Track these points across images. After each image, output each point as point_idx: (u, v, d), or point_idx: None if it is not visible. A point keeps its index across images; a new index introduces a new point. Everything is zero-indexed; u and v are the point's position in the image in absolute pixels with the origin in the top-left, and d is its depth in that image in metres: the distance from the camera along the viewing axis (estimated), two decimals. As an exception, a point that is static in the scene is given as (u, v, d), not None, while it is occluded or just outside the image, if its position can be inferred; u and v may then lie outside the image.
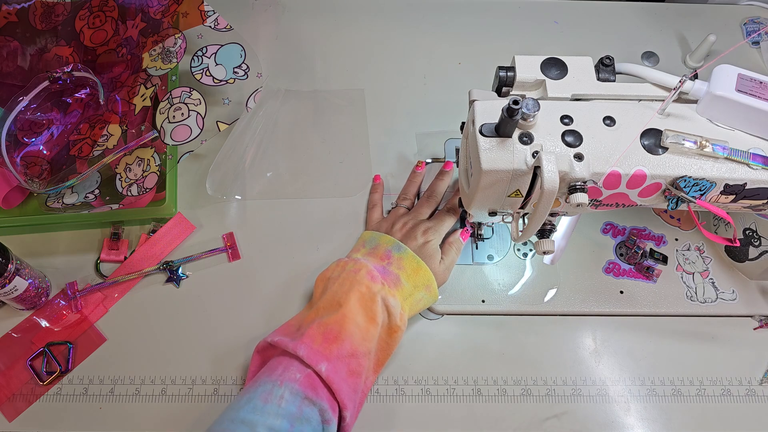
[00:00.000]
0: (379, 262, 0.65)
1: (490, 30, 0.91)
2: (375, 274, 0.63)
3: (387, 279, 0.63)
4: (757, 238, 0.71)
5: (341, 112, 0.83)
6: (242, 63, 0.75)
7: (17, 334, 0.70)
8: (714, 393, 0.68)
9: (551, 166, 0.50)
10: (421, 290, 0.65)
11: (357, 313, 0.60)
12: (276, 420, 0.54)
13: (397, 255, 0.65)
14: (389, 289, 0.62)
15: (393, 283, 0.63)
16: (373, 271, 0.63)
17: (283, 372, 0.57)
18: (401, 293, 0.63)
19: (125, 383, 0.67)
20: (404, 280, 0.64)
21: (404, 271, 0.64)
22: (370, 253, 0.67)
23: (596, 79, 0.59)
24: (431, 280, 0.65)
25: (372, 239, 0.68)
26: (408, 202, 0.72)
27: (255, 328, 0.70)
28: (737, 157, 0.54)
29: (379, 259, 0.65)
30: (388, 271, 0.64)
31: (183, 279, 0.73)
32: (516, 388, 0.68)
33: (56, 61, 0.74)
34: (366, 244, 0.68)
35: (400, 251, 0.65)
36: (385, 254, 0.66)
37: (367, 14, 0.92)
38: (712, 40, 0.85)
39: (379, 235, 0.68)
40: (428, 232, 0.67)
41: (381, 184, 0.76)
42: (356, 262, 0.64)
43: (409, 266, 0.65)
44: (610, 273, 0.74)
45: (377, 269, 0.64)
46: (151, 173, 0.70)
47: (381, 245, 0.67)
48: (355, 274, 0.62)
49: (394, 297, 0.62)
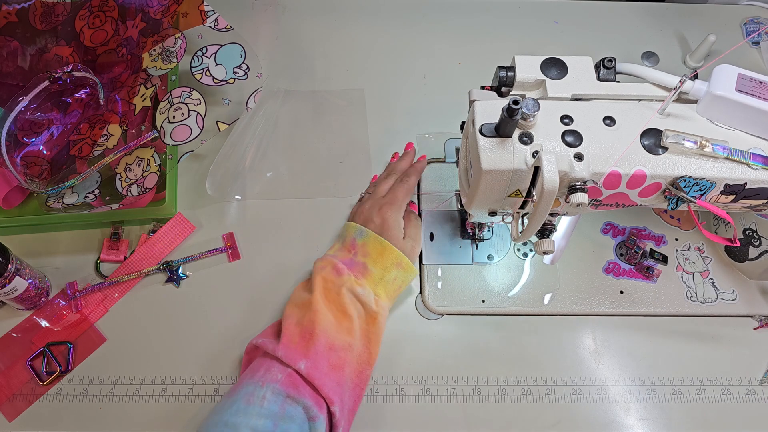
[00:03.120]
0: (347, 254, 0.66)
1: (490, 30, 0.91)
2: (340, 267, 0.64)
3: (354, 270, 0.64)
4: (757, 238, 0.71)
5: (341, 113, 0.83)
6: (242, 63, 0.75)
7: (17, 334, 0.70)
8: (714, 393, 0.68)
9: (551, 166, 0.50)
10: (392, 270, 0.66)
11: (326, 308, 0.61)
12: (259, 420, 0.54)
13: (361, 241, 0.66)
14: (356, 279, 0.64)
15: (360, 273, 0.64)
16: (338, 265, 0.64)
17: (265, 373, 0.58)
18: (370, 280, 0.64)
19: (125, 383, 0.67)
20: (371, 266, 0.65)
21: (370, 257, 0.65)
22: (341, 247, 0.68)
23: (596, 79, 0.59)
24: (400, 256, 0.66)
25: (342, 230, 0.70)
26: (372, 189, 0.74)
27: (255, 328, 0.70)
28: (737, 157, 0.54)
29: (347, 251, 0.67)
30: (355, 261, 0.65)
31: (183, 279, 0.73)
32: (516, 388, 0.68)
33: (56, 61, 0.74)
34: (339, 238, 0.70)
35: (363, 236, 0.67)
36: (351, 244, 0.67)
37: (367, 14, 0.92)
38: (712, 40, 0.85)
39: (346, 225, 0.70)
40: (383, 208, 0.68)
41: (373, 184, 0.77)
42: (323, 259, 0.66)
43: (374, 250, 0.66)
44: (610, 273, 0.74)
45: (344, 262, 0.65)
46: (151, 173, 0.70)
47: (348, 235, 0.68)
48: (321, 271, 0.64)
49: (362, 286, 0.63)
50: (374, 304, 0.64)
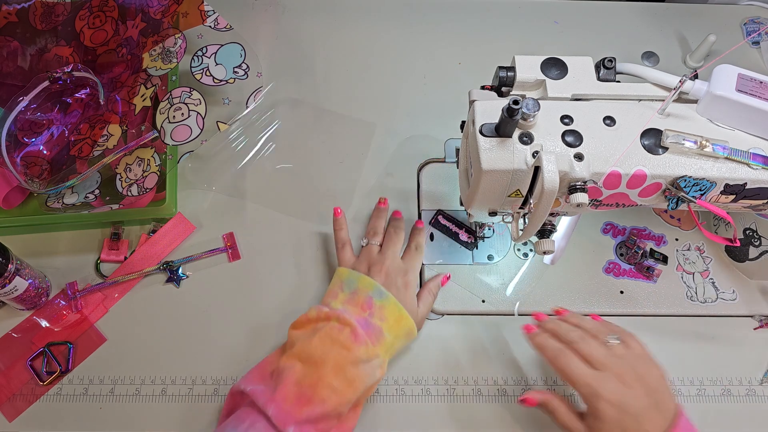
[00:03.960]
0: (360, 312, 0.62)
1: (490, 30, 0.91)
2: (359, 333, 0.59)
3: (370, 333, 0.60)
4: (757, 238, 0.71)
5: (345, 141, 0.81)
6: (242, 63, 0.75)
7: (17, 334, 0.70)
8: (714, 393, 0.68)
9: (551, 166, 0.50)
10: (402, 339, 0.63)
11: (334, 377, 0.57)
12: None
13: (379, 303, 0.62)
14: (372, 347, 0.59)
15: (376, 338, 0.60)
16: (357, 329, 0.59)
17: (248, 428, 0.55)
18: (383, 346, 0.61)
19: (125, 383, 0.67)
20: (386, 331, 0.61)
21: (386, 322, 0.62)
22: (349, 299, 0.63)
23: (596, 79, 0.59)
24: (412, 327, 0.63)
25: (350, 281, 0.64)
26: (379, 238, 0.70)
27: (255, 328, 0.70)
28: (737, 157, 0.54)
29: (360, 308, 0.62)
30: (371, 323, 0.61)
31: (183, 279, 0.73)
32: (516, 388, 0.68)
33: (56, 61, 0.74)
34: (344, 287, 0.64)
35: (382, 298, 0.62)
36: (366, 302, 0.62)
37: (367, 14, 0.92)
38: (712, 40, 0.85)
39: (357, 276, 0.64)
40: (407, 275, 0.66)
41: (343, 218, 0.71)
42: (339, 316, 0.60)
43: (392, 316, 0.62)
44: (610, 273, 0.74)
45: (360, 322, 0.60)
46: (151, 173, 0.70)
47: (361, 290, 0.63)
48: (339, 333, 0.59)
49: (377, 356, 0.60)
50: (379, 371, 0.60)
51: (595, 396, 0.54)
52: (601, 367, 0.56)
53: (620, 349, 0.57)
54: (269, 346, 0.69)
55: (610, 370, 0.55)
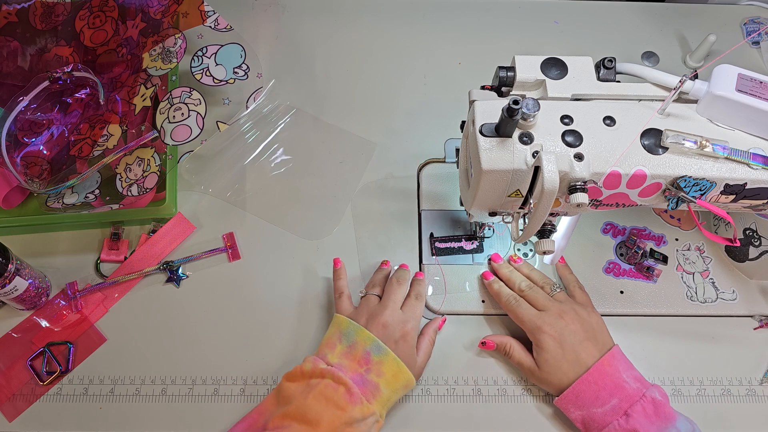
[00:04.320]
0: (357, 367, 0.61)
1: (490, 30, 0.91)
2: (354, 392, 0.58)
3: (366, 390, 0.59)
4: (757, 238, 0.71)
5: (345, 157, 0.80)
6: (242, 63, 0.75)
7: (17, 334, 0.70)
8: (714, 393, 0.68)
9: (551, 166, 0.50)
10: (400, 392, 0.62)
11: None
12: None
13: (377, 358, 0.61)
14: (368, 405, 0.59)
15: (372, 394, 0.60)
16: (352, 389, 0.58)
17: None
18: (379, 402, 0.60)
19: (125, 383, 0.67)
20: (383, 387, 0.60)
21: (384, 377, 0.61)
22: (346, 353, 0.62)
23: (596, 79, 0.59)
24: (410, 380, 0.62)
25: (349, 333, 0.63)
26: (378, 290, 0.68)
27: (255, 328, 0.70)
28: (737, 157, 0.54)
29: (357, 363, 0.61)
30: (367, 380, 0.60)
31: (183, 279, 0.73)
32: (516, 388, 0.68)
33: (56, 61, 0.74)
34: (342, 339, 0.63)
35: (380, 353, 0.61)
36: (364, 357, 0.61)
37: (367, 14, 0.92)
38: (712, 40, 0.85)
39: (356, 329, 0.63)
40: (408, 326, 0.64)
41: (343, 269, 0.70)
42: (334, 375, 0.59)
43: (389, 371, 0.61)
44: (610, 273, 0.74)
45: (355, 380, 0.59)
46: (151, 173, 0.70)
47: (359, 344, 0.62)
48: (334, 392, 0.58)
49: (372, 414, 0.59)
50: (375, 428, 0.60)
51: (538, 330, 0.64)
52: (544, 309, 0.66)
53: (562, 296, 0.68)
54: (269, 345, 0.69)
55: (552, 310, 0.65)
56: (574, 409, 0.62)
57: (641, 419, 0.59)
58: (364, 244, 0.75)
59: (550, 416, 0.66)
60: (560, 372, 0.63)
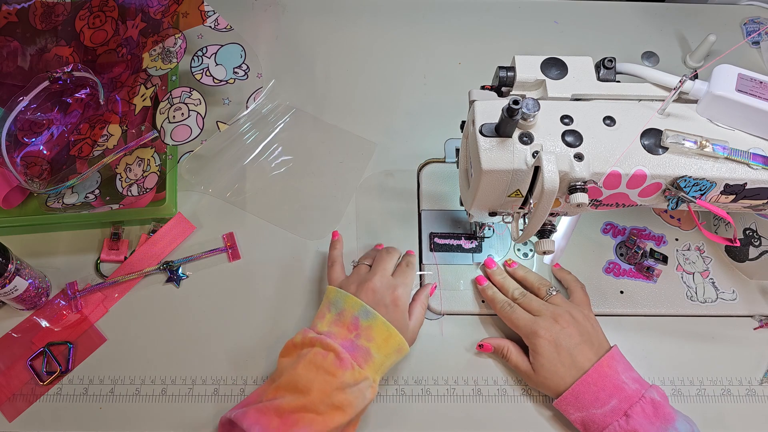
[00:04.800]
0: (346, 334, 0.61)
1: (490, 30, 0.91)
2: (344, 356, 0.58)
3: (356, 356, 0.59)
4: (757, 238, 0.71)
5: (345, 157, 0.80)
6: (242, 63, 0.75)
7: (17, 334, 0.70)
8: (714, 393, 0.68)
9: (551, 166, 0.50)
10: (393, 356, 0.62)
11: (320, 403, 0.57)
12: None
13: (366, 323, 0.61)
14: (359, 370, 0.59)
15: (363, 360, 0.60)
16: (341, 354, 0.58)
17: None
18: (372, 367, 0.60)
19: (125, 383, 0.67)
20: (374, 352, 0.60)
21: (374, 342, 0.60)
22: (336, 320, 0.62)
23: (596, 79, 0.59)
24: (402, 344, 0.62)
25: (337, 301, 0.63)
26: (369, 260, 0.68)
27: (255, 328, 0.70)
28: (737, 157, 0.54)
29: (347, 329, 0.61)
30: (357, 345, 0.60)
31: (183, 279, 0.73)
32: (516, 388, 0.68)
33: (56, 61, 0.74)
34: (331, 308, 0.63)
35: (369, 318, 0.61)
36: (353, 323, 0.61)
37: (367, 14, 0.92)
38: (712, 40, 0.85)
39: (344, 296, 0.63)
40: (398, 289, 0.63)
41: (340, 240, 0.71)
42: (322, 342, 0.59)
43: (379, 336, 0.61)
44: (610, 273, 0.74)
45: (345, 346, 0.60)
46: (151, 173, 0.70)
47: (347, 310, 0.62)
48: (323, 359, 0.58)
49: (365, 378, 0.59)
50: (370, 392, 0.59)
51: (533, 335, 0.64)
52: (539, 313, 0.66)
53: (558, 298, 0.68)
54: (269, 346, 0.69)
55: (546, 314, 0.65)
56: (573, 411, 0.62)
57: (641, 420, 0.59)
58: (364, 244, 0.75)
59: (550, 416, 0.66)
60: (557, 376, 0.63)
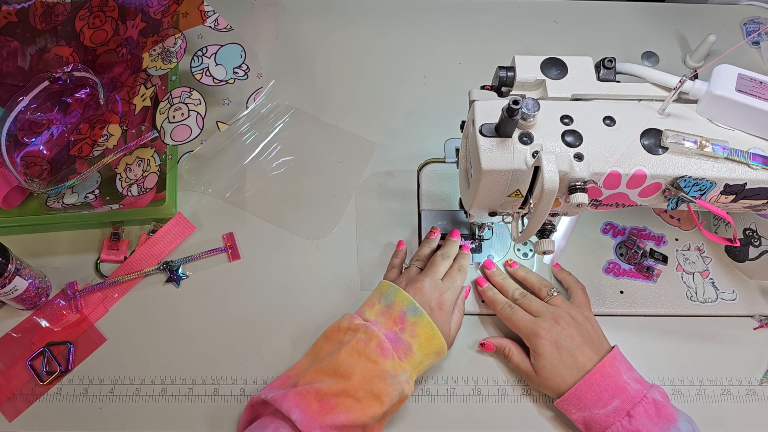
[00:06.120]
0: (392, 326, 0.62)
1: (490, 30, 0.91)
2: (386, 346, 0.59)
3: (398, 348, 0.60)
4: (757, 238, 0.71)
5: (345, 157, 0.80)
6: (242, 63, 0.75)
7: (17, 334, 0.70)
8: (714, 393, 0.68)
9: (551, 166, 0.50)
10: (432, 357, 0.63)
11: (359, 389, 0.58)
12: None
13: (412, 319, 0.62)
14: (399, 362, 0.60)
15: (404, 353, 0.61)
16: (384, 343, 0.60)
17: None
18: (411, 363, 0.61)
19: (125, 383, 0.67)
20: (416, 349, 0.61)
21: (417, 339, 0.62)
22: (384, 311, 0.63)
23: (596, 79, 0.59)
24: (443, 347, 0.63)
25: (389, 293, 0.65)
26: (421, 263, 0.69)
27: (255, 328, 0.70)
28: (737, 157, 0.54)
29: (393, 321, 0.62)
30: (400, 338, 0.61)
31: (183, 279, 0.73)
32: (516, 388, 0.68)
33: (56, 61, 0.74)
34: (382, 299, 0.65)
35: (416, 314, 0.62)
36: (400, 316, 0.62)
37: (367, 14, 0.92)
38: (712, 40, 0.85)
39: (395, 290, 0.64)
40: (446, 294, 0.65)
41: (404, 249, 0.73)
42: (367, 329, 0.60)
43: (423, 334, 0.62)
44: (610, 273, 0.74)
45: (389, 336, 0.61)
46: (151, 173, 0.70)
47: (396, 304, 0.63)
48: (366, 346, 0.59)
49: (404, 371, 0.60)
50: (407, 388, 0.60)
51: (534, 335, 0.64)
52: (539, 314, 0.66)
53: (558, 299, 0.68)
54: (269, 345, 0.69)
55: (547, 315, 0.65)
56: (575, 411, 0.62)
57: (644, 420, 0.59)
58: (364, 244, 0.75)
59: (550, 417, 0.66)
60: (558, 377, 0.63)
